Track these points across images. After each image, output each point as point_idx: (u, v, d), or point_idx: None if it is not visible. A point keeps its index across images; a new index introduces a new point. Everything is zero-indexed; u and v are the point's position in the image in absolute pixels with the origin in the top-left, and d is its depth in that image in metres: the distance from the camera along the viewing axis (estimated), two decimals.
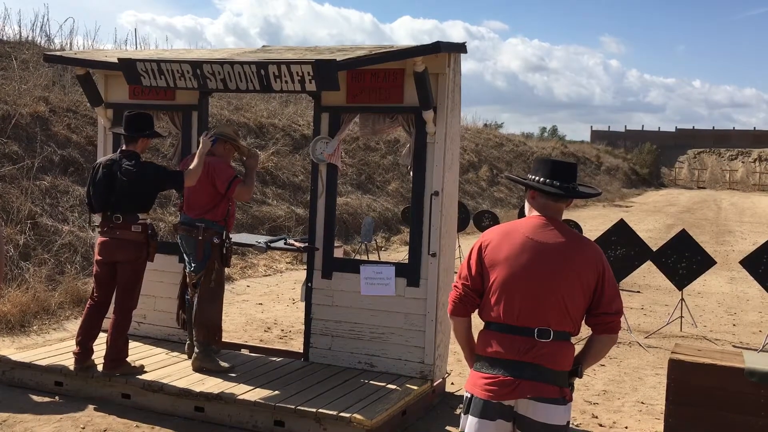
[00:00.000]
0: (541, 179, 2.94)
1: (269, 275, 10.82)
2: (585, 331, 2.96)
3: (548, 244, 2.86)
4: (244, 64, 5.17)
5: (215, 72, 5.27)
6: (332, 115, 5.66)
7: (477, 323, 2.99)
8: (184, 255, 5.46)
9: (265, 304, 8.95)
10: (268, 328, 7.75)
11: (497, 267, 2.89)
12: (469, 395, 2.92)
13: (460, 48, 5.34)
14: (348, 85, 5.54)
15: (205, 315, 5.33)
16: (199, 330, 5.35)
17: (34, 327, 7.13)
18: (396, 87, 5.43)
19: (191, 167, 5.20)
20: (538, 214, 2.96)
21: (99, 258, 5.21)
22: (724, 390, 4.63)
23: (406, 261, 5.57)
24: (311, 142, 5.74)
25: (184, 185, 5.18)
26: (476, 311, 3.02)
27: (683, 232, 8.15)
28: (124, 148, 5.24)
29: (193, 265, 5.36)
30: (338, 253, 5.95)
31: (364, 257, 11.17)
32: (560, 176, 2.93)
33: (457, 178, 5.65)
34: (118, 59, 5.59)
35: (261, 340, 7.17)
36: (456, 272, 3.28)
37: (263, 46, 6.04)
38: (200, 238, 5.26)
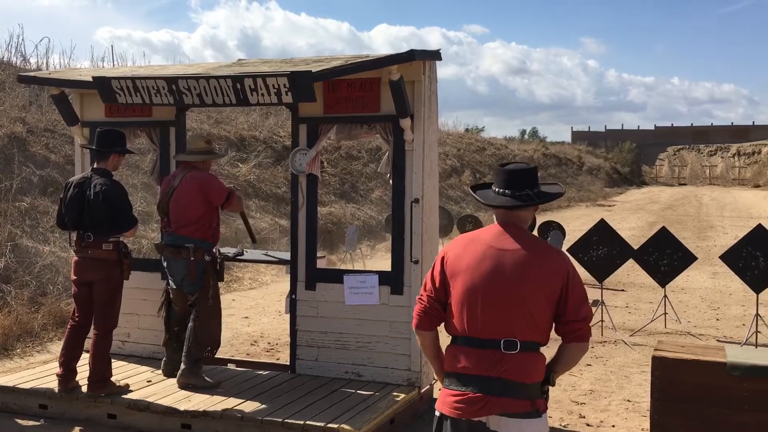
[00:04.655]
0: (497, 189, 2.87)
1: (254, 288, 10.79)
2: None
3: (510, 251, 2.76)
4: (220, 78, 5.17)
5: (191, 87, 5.26)
6: (310, 126, 5.67)
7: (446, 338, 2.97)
8: (169, 275, 5.43)
9: (251, 317, 8.92)
10: (255, 342, 7.73)
11: (459, 277, 2.81)
12: (438, 414, 2.83)
13: (435, 55, 5.37)
14: (325, 96, 5.55)
15: (207, 332, 5.30)
16: (198, 347, 5.30)
17: (18, 350, 7.08)
18: (372, 96, 5.45)
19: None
20: (502, 221, 2.88)
21: (74, 278, 5.19)
22: (708, 385, 4.67)
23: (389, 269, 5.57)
24: (290, 154, 5.74)
25: (125, 232, 5.16)
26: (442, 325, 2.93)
27: (663, 229, 8.22)
28: (95, 165, 5.22)
29: (186, 285, 5.33)
30: (322, 263, 5.96)
31: (350, 266, 11.16)
32: (514, 184, 2.83)
33: (437, 184, 5.68)
34: (93, 78, 5.58)
35: (248, 354, 7.15)
36: None
37: (239, 60, 6.04)
38: (192, 258, 5.23)
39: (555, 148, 43.26)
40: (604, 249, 7.83)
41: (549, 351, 2.78)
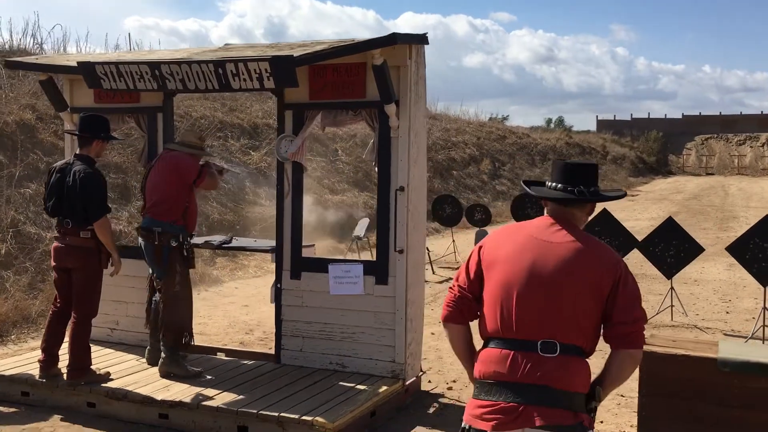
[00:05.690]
0: (551, 184, 2.65)
1: (259, 276, 10.73)
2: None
3: (556, 243, 2.50)
4: (202, 63, 5.08)
5: (173, 72, 5.17)
6: (296, 112, 5.57)
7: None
8: (145, 259, 5.39)
9: (251, 305, 8.86)
10: (250, 330, 7.67)
11: (495, 268, 2.54)
12: (466, 426, 2.51)
13: (422, 39, 5.22)
14: (310, 82, 5.44)
15: (171, 319, 5.26)
16: (167, 334, 5.28)
17: (12, 336, 7.09)
18: (358, 81, 5.32)
19: (106, 244, 5.08)
20: (553, 217, 2.64)
21: (53, 264, 5.16)
22: (697, 381, 4.51)
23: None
24: (276, 141, 5.65)
25: (94, 222, 4.99)
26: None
27: (670, 219, 8.00)
28: (77, 152, 5.17)
29: (155, 270, 5.29)
30: (310, 252, 5.86)
31: (356, 256, 11.07)
32: (569, 179, 2.60)
33: (424, 172, 5.54)
34: (77, 63, 5.52)
35: (241, 343, 7.10)
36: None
37: (225, 45, 5.95)
38: (157, 243, 5.18)
39: (579, 137, 42.67)
40: (605, 240, 7.62)
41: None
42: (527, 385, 2.40)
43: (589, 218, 2.71)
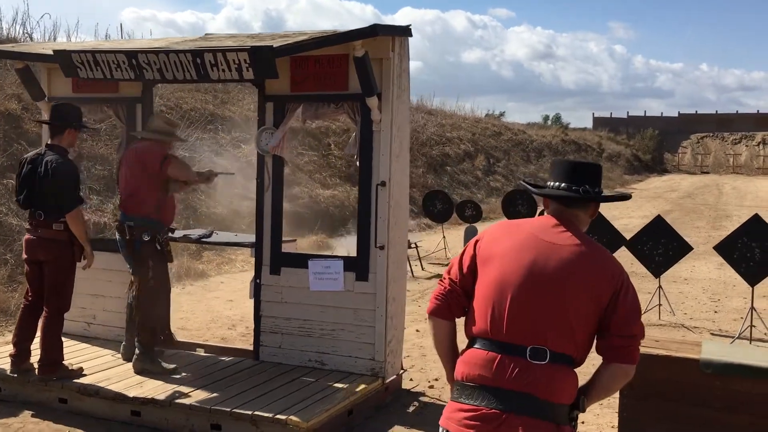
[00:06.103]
0: (553, 183, 2.54)
1: (246, 270, 10.61)
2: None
3: (559, 245, 2.39)
4: (180, 52, 4.96)
5: (151, 62, 5.05)
6: (276, 104, 5.46)
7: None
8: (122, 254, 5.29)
9: (235, 300, 8.75)
10: (233, 326, 7.57)
11: (491, 264, 2.43)
12: (443, 431, 2.41)
13: (404, 31, 5.12)
14: (291, 73, 5.34)
15: (146, 315, 5.15)
16: (141, 331, 5.17)
17: None
18: (340, 73, 5.22)
19: (79, 236, 4.91)
20: (556, 218, 2.52)
21: (25, 256, 5.04)
22: (679, 382, 4.44)
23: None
24: (256, 133, 5.54)
25: (66, 213, 4.82)
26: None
27: (659, 218, 7.91)
28: (49, 141, 5.06)
29: (130, 265, 5.19)
30: (291, 248, 5.76)
31: (344, 252, 10.96)
32: (573, 178, 2.49)
33: (407, 167, 5.44)
34: (54, 51, 5.40)
35: (222, 339, 6.99)
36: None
37: (206, 34, 5.84)
38: (128, 237, 5.07)
39: (575, 134, 42.61)
40: (593, 237, 7.53)
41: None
42: (512, 392, 2.30)
43: (591, 220, 2.60)
